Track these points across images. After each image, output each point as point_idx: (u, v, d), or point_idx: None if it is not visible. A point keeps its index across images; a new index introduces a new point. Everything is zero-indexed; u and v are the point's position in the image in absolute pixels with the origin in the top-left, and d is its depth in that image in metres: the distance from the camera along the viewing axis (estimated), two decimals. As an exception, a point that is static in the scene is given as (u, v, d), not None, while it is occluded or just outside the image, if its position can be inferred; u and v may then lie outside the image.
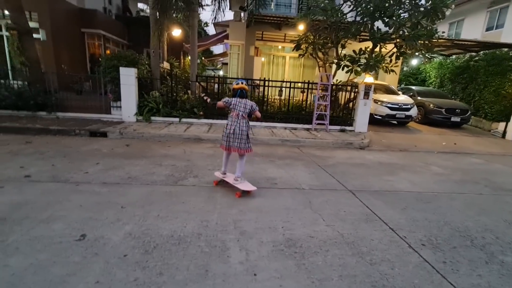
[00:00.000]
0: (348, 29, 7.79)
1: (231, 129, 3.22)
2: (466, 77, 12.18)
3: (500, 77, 10.62)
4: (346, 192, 3.66)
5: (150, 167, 4.18)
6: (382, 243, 2.46)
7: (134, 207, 2.85)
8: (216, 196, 3.25)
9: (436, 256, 2.31)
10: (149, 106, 7.64)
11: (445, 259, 2.28)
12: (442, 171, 5.11)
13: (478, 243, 2.58)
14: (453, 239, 2.61)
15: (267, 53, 12.81)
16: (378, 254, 2.27)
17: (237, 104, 3.25)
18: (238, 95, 3.29)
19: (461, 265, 2.21)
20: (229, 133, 3.24)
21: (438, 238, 2.62)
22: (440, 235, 2.68)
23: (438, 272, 2.10)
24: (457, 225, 2.90)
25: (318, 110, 8.21)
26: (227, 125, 3.29)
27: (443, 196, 3.75)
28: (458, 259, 2.30)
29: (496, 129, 10.45)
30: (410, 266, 2.15)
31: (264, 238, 2.41)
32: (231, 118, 3.28)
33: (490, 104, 11.02)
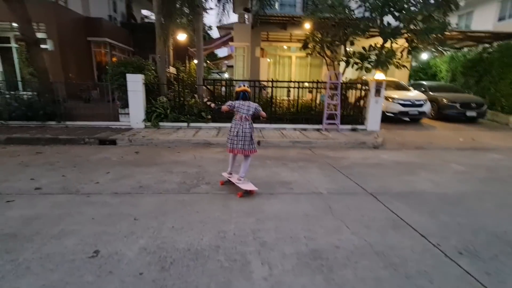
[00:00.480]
0: (357, 25, 7.58)
1: (235, 131, 3.33)
2: (479, 70, 11.76)
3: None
4: (366, 196, 3.47)
5: (161, 174, 4.08)
6: (414, 252, 2.27)
7: (147, 218, 2.73)
8: (231, 204, 3.11)
9: (477, 266, 2.11)
10: (157, 112, 7.58)
11: (488, 270, 2.07)
12: (464, 169, 4.85)
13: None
14: (492, 246, 2.40)
15: (273, 54, 12.67)
16: (412, 266, 2.09)
17: (240, 106, 3.34)
18: (241, 97, 3.38)
19: (508, 277, 2.01)
20: (233, 135, 3.34)
21: (475, 245, 2.41)
22: (477, 241, 2.47)
23: (483, 285, 1.90)
24: (493, 230, 2.68)
25: (328, 110, 8.01)
26: (231, 128, 3.39)
27: (471, 197, 3.53)
28: (502, 269, 2.09)
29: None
30: (451, 278, 1.96)
31: (287, 250, 2.25)
32: (234, 121, 3.38)
33: (507, 97, 10.59)
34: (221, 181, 3.77)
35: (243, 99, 3.36)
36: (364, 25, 7.41)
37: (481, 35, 10.63)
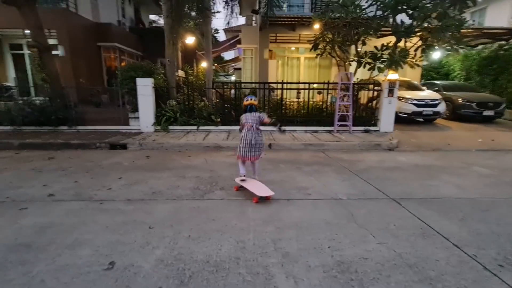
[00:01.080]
0: (369, 24, 7.40)
1: (248, 139, 3.42)
2: (495, 68, 11.40)
3: (536, 66, 9.82)
4: (389, 201, 3.30)
5: (174, 180, 3.99)
6: (450, 264, 2.10)
7: (162, 227, 2.63)
8: (247, 211, 2.99)
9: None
10: (167, 116, 7.55)
11: (535, 285, 1.89)
12: (489, 172, 4.62)
13: None
14: (535, 258, 2.21)
15: (281, 55, 12.55)
16: (450, 280, 1.92)
17: (247, 118, 3.52)
18: (248, 110, 3.58)
19: (558, 293, 1.82)
20: (246, 144, 3.43)
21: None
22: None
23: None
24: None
25: (339, 111, 7.84)
26: (244, 136, 3.45)
27: (502, 203, 3.31)
28: (551, 284, 1.90)
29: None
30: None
31: (311, 262, 2.11)
32: (245, 130, 3.46)
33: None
34: (236, 186, 3.67)
35: (249, 111, 3.57)
36: (377, 24, 7.23)
37: (498, 32, 10.27)
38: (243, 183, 3.46)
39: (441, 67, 14.92)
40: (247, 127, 3.44)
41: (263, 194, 3.19)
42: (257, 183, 3.45)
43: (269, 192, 3.23)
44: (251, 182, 3.47)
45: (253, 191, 3.24)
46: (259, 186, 3.37)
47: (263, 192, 3.22)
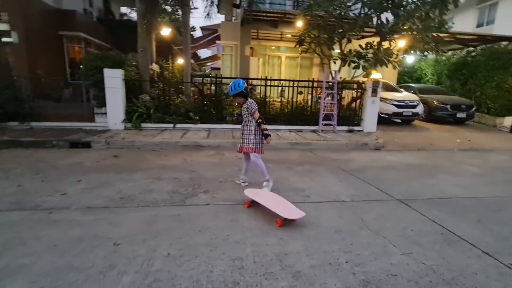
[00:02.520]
0: (354, 22, 7.25)
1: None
2: (465, 73, 11.98)
3: (502, 72, 10.41)
4: (396, 203, 2.97)
5: (147, 182, 3.35)
6: (491, 278, 1.76)
7: (132, 242, 2.02)
8: (241, 219, 2.47)
9: None
10: (139, 112, 6.76)
11: None
12: (480, 171, 4.53)
13: None
14: None
15: (262, 54, 12.19)
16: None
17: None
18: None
19: None
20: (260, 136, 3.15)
21: (554, 263, 1.94)
22: (553, 258, 2.01)
23: None
24: (560, 242, 2.25)
25: (324, 110, 7.59)
26: (256, 128, 3.16)
27: (509, 202, 3.13)
28: None
29: (502, 124, 10.17)
30: (560, 318, 1.45)
31: (330, 283, 1.66)
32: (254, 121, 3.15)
33: (493, 99, 10.78)
34: (246, 202, 2.76)
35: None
36: (362, 22, 7.09)
37: (468, 38, 10.79)
38: (257, 198, 2.62)
39: (414, 72, 15.51)
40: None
41: (291, 216, 2.32)
42: (278, 199, 2.61)
43: (299, 213, 2.36)
44: (267, 197, 2.65)
45: (276, 212, 2.36)
46: (281, 203, 2.52)
47: (291, 213, 2.34)
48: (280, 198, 2.66)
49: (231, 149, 5.54)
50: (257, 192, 2.83)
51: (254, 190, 2.89)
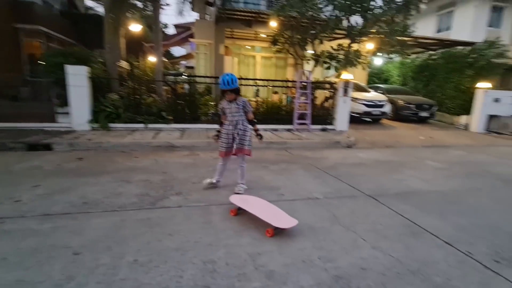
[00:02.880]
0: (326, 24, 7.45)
1: None
2: (427, 75, 12.83)
3: (458, 73, 11.29)
4: (367, 198, 3.08)
5: (115, 185, 3.16)
6: (451, 266, 1.87)
7: (95, 250, 1.88)
8: (214, 220, 2.41)
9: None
10: (107, 111, 6.40)
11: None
12: (441, 166, 4.86)
13: (549, 250, 2.14)
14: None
15: (237, 53, 12.13)
16: (459, 286, 1.67)
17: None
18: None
19: (562, 287, 1.71)
20: None
21: (503, 249, 2.12)
22: (503, 245, 2.19)
23: (547, 304, 1.55)
24: (509, 229, 2.47)
25: (298, 110, 7.72)
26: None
27: (466, 194, 3.38)
28: (550, 277, 1.79)
29: (459, 122, 11.04)
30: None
31: (304, 281, 1.66)
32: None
33: (452, 99, 11.66)
34: (233, 210, 2.56)
35: None
36: (334, 24, 7.31)
37: (429, 42, 11.56)
38: (245, 206, 2.43)
39: (382, 73, 16.34)
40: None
41: (283, 225, 2.15)
42: (267, 206, 2.47)
43: (292, 221, 2.20)
44: (256, 204, 2.47)
45: (267, 220, 2.19)
46: (271, 210, 2.37)
47: (283, 222, 2.18)
48: (269, 204, 2.50)
49: (206, 149, 5.43)
50: (244, 198, 2.59)
51: (241, 197, 2.68)
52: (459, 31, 14.20)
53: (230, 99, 2.92)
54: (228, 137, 2.99)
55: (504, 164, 5.19)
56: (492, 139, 8.75)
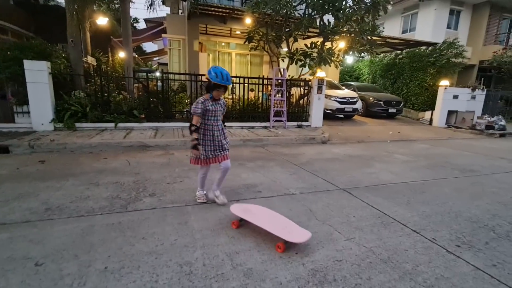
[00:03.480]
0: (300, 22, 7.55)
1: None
2: (394, 73, 13.55)
3: (422, 72, 12.06)
4: (341, 192, 3.18)
5: (82, 189, 2.97)
6: (418, 252, 1.99)
7: (60, 260, 1.75)
8: (190, 221, 2.35)
9: (481, 259, 1.94)
10: (72, 110, 5.99)
11: (492, 261, 1.92)
12: (408, 158, 5.17)
13: (501, 233, 2.35)
14: (478, 233, 2.33)
15: (212, 50, 11.92)
16: (426, 271, 1.77)
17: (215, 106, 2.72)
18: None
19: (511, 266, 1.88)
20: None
21: (464, 234, 2.30)
22: (463, 230, 2.37)
23: (500, 282, 1.70)
24: (467, 215, 2.67)
25: (275, 107, 7.79)
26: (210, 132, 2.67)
27: (430, 184, 3.62)
28: (502, 258, 1.98)
29: (423, 117, 11.82)
30: (469, 280, 1.71)
31: (282, 276, 1.67)
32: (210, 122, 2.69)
33: (416, 96, 12.44)
34: (234, 221, 2.28)
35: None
36: (307, 22, 7.43)
37: (396, 42, 12.19)
38: (248, 217, 2.17)
39: (353, 71, 16.99)
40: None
41: (296, 239, 1.92)
42: (274, 217, 2.21)
43: (305, 234, 1.97)
44: (261, 215, 2.21)
45: (277, 234, 1.96)
46: (280, 222, 2.12)
47: (295, 235, 1.95)
48: (277, 215, 2.24)
49: (181, 148, 5.29)
50: (246, 208, 2.27)
51: (243, 206, 2.34)
52: (422, 32, 15.12)
53: (219, 96, 2.58)
54: (215, 143, 2.58)
55: (462, 156, 5.63)
56: (452, 133, 9.48)
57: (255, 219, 2.13)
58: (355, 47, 8.26)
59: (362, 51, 8.45)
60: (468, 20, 15.75)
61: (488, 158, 5.44)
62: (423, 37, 13.82)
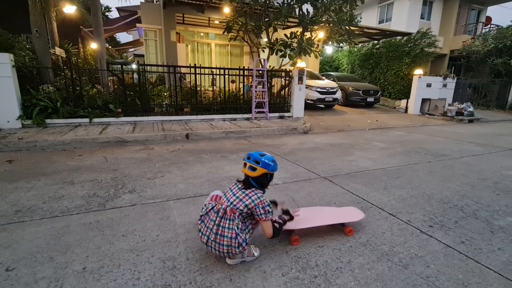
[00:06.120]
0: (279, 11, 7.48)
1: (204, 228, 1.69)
2: (371, 63, 13.89)
3: (398, 61, 12.44)
4: (322, 180, 3.25)
5: (55, 188, 2.82)
6: (394, 234, 2.09)
7: (33, 264, 1.66)
8: (172, 215, 2.31)
9: (451, 237, 2.08)
10: (41, 105, 5.64)
11: (461, 238, 2.06)
12: (385, 146, 5.36)
13: (469, 212, 2.52)
14: (448, 213, 2.48)
15: (191, 40, 11.58)
16: (402, 251, 1.87)
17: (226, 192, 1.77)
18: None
19: (478, 242, 2.03)
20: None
21: (436, 215, 2.44)
22: (435, 211, 2.51)
23: (468, 257, 1.83)
24: (439, 197, 2.83)
25: (256, 98, 7.75)
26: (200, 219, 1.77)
27: (405, 169, 3.78)
28: (470, 235, 2.12)
29: (399, 106, 12.27)
30: (440, 257, 1.82)
31: (266, 266, 1.69)
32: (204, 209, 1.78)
33: (393, 85, 12.86)
34: (293, 237, 1.97)
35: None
36: (286, 11, 7.37)
37: (373, 32, 12.44)
38: (306, 224, 1.99)
39: (332, 61, 17.21)
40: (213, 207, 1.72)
41: (355, 218, 2.11)
42: (324, 210, 2.27)
43: (358, 211, 2.21)
44: (314, 215, 2.15)
45: (341, 222, 2.08)
46: (332, 211, 2.26)
47: (351, 215, 2.16)
48: (324, 208, 2.35)
49: (161, 142, 5.16)
50: (296, 218, 1.95)
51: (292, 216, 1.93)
52: (398, 22, 15.50)
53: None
54: None
55: (435, 141, 5.93)
56: (426, 120, 9.93)
57: (315, 222, 2.03)
58: (334, 37, 8.34)
59: (340, 41, 8.56)
60: (440, 10, 16.32)
61: (458, 143, 5.77)
62: (399, 27, 14.19)
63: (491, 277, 1.64)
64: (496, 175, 3.58)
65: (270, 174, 1.75)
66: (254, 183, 1.70)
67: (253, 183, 1.70)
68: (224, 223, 1.60)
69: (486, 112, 12.36)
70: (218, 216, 1.63)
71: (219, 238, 1.58)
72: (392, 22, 16.49)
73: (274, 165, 1.74)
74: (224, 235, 1.58)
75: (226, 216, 1.61)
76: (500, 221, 2.35)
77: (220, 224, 1.60)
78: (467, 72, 15.22)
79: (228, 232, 1.58)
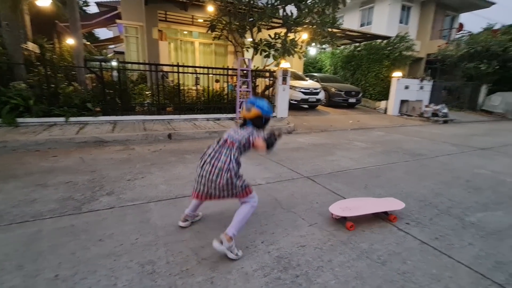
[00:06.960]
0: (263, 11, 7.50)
1: (206, 165, 1.85)
2: (353, 65, 14.24)
3: (378, 64, 12.84)
4: (305, 180, 3.29)
5: (26, 191, 2.67)
6: (374, 232, 2.15)
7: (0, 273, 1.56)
8: (153, 218, 2.25)
9: (426, 234, 2.16)
10: (12, 103, 5.31)
11: (435, 235, 2.15)
12: (366, 145, 5.52)
13: (443, 209, 2.63)
14: (424, 210, 2.58)
15: (173, 38, 11.35)
16: (380, 248, 1.93)
17: (230, 132, 1.94)
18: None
19: (450, 237, 2.13)
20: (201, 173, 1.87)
21: (412, 212, 2.53)
22: (412, 208, 2.61)
23: (441, 252, 1.92)
24: (416, 195, 2.95)
25: (240, 98, 7.73)
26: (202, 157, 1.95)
27: (384, 168, 3.91)
28: (444, 231, 2.22)
29: (379, 107, 12.67)
30: (416, 254, 1.89)
31: (247, 266, 1.69)
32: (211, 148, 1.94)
33: (373, 87, 13.26)
34: (349, 223, 2.22)
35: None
36: (270, 12, 7.40)
37: (355, 34, 12.76)
38: (354, 212, 2.25)
39: (316, 62, 17.49)
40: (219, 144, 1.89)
41: (397, 206, 2.42)
42: (368, 200, 2.58)
43: (398, 202, 2.51)
44: (361, 204, 2.40)
45: (384, 210, 2.37)
46: (375, 201, 2.53)
47: (392, 204, 2.47)
48: (368, 198, 2.65)
49: (143, 142, 5.03)
50: (345, 205, 2.34)
51: (341, 205, 2.35)
52: (378, 26, 16.00)
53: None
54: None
55: (412, 141, 6.18)
56: (404, 121, 10.33)
57: (361, 211, 2.29)
58: (317, 38, 8.48)
59: (323, 43, 8.71)
60: (417, 16, 17.02)
61: (434, 143, 6.04)
62: (379, 30, 14.66)
63: (462, 271, 1.72)
64: (468, 174, 3.78)
65: (265, 118, 1.99)
66: (251, 124, 1.95)
67: (250, 124, 1.95)
68: (222, 150, 1.85)
69: (459, 113, 13.03)
70: (218, 145, 1.90)
71: (215, 161, 1.81)
72: (373, 26, 17.00)
73: (269, 110, 1.98)
74: (220, 159, 1.81)
75: (225, 145, 1.86)
76: (471, 217, 2.48)
77: (218, 151, 1.86)
78: (442, 75, 15.98)
79: (224, 157, 1.81)
